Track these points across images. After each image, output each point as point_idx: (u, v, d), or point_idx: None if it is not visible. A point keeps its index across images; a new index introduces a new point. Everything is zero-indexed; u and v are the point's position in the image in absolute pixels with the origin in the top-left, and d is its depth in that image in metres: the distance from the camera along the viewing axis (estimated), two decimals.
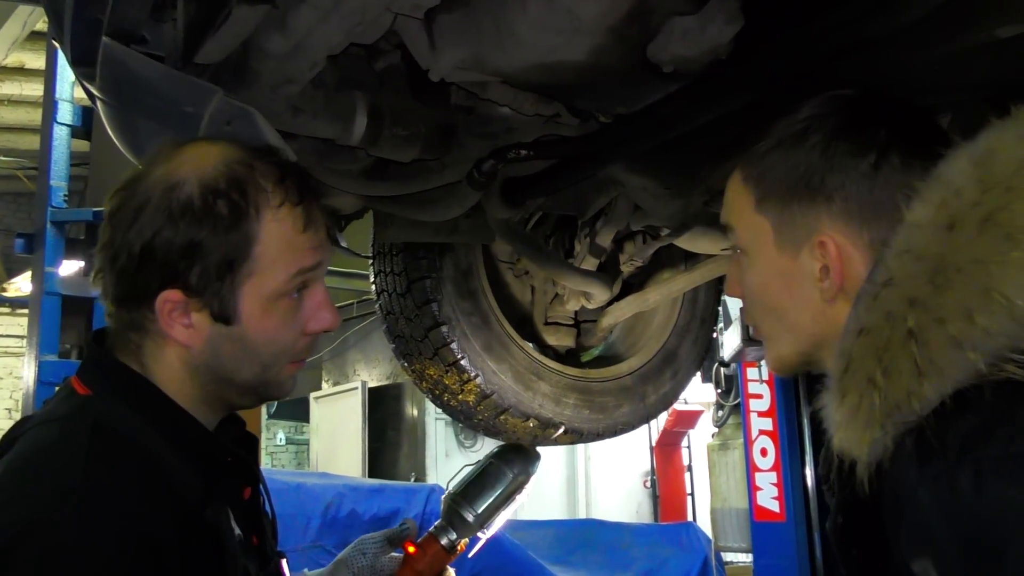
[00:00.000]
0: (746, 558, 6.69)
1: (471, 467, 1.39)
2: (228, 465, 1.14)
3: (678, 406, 9.01)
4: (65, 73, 5.10)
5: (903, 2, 1.15)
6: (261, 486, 1.23)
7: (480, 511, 1.31)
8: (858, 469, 0.84)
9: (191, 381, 1.10)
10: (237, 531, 1.10)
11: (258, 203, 1.07)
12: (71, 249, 5.19)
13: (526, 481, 1.32)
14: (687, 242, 2.25)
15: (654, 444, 10.45)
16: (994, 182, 0.81)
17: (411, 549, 1.32)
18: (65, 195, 5.30)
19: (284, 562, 1.26)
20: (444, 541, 1.33)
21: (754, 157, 1.04)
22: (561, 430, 2.52)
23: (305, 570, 1.40)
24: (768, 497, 4.38)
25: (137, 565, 0.94)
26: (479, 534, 1.33)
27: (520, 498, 1.34)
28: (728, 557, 6.96)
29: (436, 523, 1.35)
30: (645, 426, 3.38)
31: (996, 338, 0.77)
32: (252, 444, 1.26)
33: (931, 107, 1.39)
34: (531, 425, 2.47)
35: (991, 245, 0.78)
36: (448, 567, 1.34)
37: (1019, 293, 0.76)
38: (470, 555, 1.35)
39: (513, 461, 1.32)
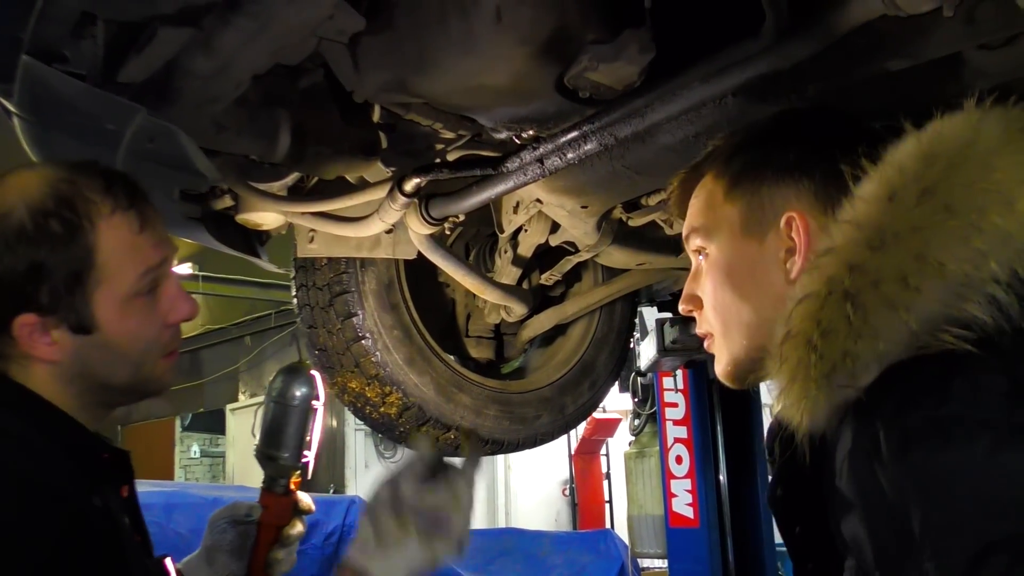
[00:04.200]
0: (662, 564, 6.82)
1: (261, 411, 1.45)
2: (105, 460, 1.15)
3: (597, 414, 9.12)
4: None
5: (802, 39, 1.23)
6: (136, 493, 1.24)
7: (289, 448, 1.38)
8: (798, 435, 0.84)
9: (66, 393, 1.11)
10: (126, 519, 1.12)
11: (89, 214, 1.08)
12: None
13: (312, 395, 1.39)
14: (604, 257, 2.32)
15: (573, 452, 10.54)
16: (936, 158, 0.83)
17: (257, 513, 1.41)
18: None
19: (168, 561, 1.27)
20: (278, 489, 1.40)
21: (723, 155, 1.06)
22: (482, 442, 2.56)
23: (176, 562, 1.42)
24: (683, 504, 4.48)
25: (54, 549, 0.96)
26: (304, 460, 1.40)
27: (319, 409, 1.41)
28: (645, 563, 7.08)
29: (263, 479, 1.42)
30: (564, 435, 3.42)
31: (929, 301, 0.78)
32: (125, 456, 1.25)
33: None
34: (452, 436, 2.50)
35: (929, 214, 0.80)
36: (297, 509, 1.41)
37: (952, 259, 0.78)
38: (308, 475, 1.42)
39: (287, 392, 1.39)
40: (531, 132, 1.62)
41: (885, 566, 0.77)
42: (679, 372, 4.54)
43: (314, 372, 1.41)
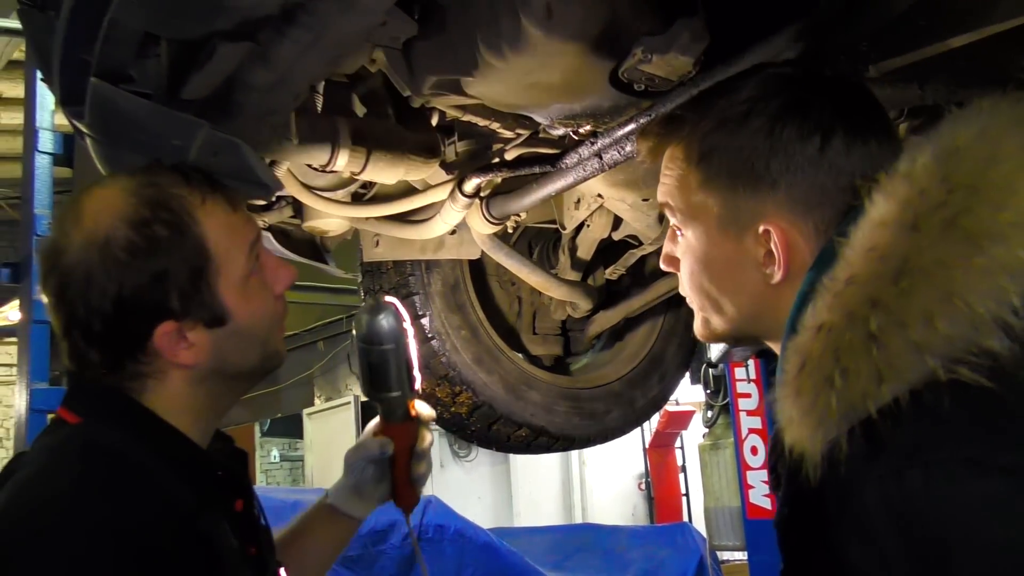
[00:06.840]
0: (741, 556, 6.74)
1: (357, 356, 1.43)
2: (219, 479, 1.17)
3: (670, 407, 9.05)
4: (45, 102, 5.09)
5: (860, 15, 1.20)
6: (254, 499, 1.26)
7: (396, 385, 1.38)
8: (806, 464, 0.83)
9: (198, 394, 1.14)
10: (234, 541, 1.13)
11: (186, 208, 1.11)
12: None
13: (398, 327, 1.36)
14: None
15: (647, 446, 10.48)
16: (958, 182, 0.80)
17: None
18: (49, 223, 5.30)
19: (283, 570, 1.29)
20: (398, 419, 1.43)
21: (696, 136, 1.02)
22: (553, 438, 2.56)
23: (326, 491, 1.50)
24: (760, 495, 4.42)
25: (121, 569, 0.96)
26: (416, 387, 1.40)
27: (409, 332, 1.39)
28: (724, 556, 7.00)
29: (380, 412, 1.44)
30: (637, 429, 3.41)
31: (953, 342, 0.77)
32: (242, 459, 1.29)
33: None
34: (523, 434, 2.51)
35: (954, 248, 0.78)
36: (423, 428, 1.45)
37: (980, 300, 0.76)
38: (420, 392, 1.43)
39: (374, 333, 1.35)
40: (588, 127, 1.61)
41: None
42: (751, 362, 4.48)
43: (391, 299, 1.40)
